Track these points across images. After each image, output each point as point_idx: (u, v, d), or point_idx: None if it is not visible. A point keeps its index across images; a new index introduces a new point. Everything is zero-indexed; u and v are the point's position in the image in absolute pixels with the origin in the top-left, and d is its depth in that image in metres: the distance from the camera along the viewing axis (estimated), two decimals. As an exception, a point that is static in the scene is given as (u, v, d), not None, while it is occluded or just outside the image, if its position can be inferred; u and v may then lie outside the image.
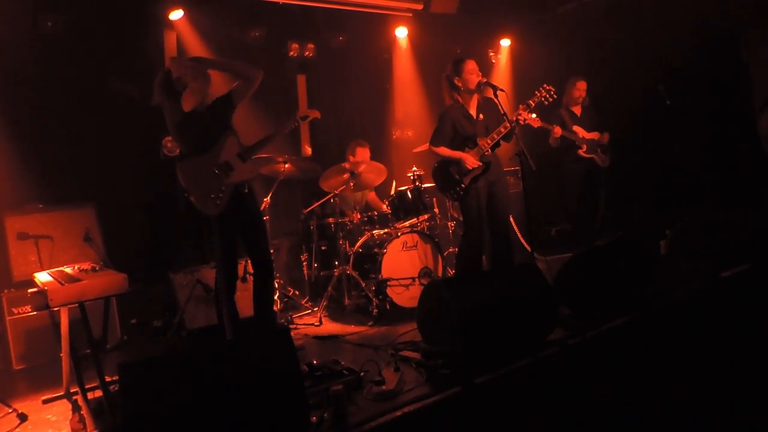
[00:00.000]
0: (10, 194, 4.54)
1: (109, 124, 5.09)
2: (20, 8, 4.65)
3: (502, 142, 4.48)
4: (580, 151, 5.80)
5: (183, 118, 3.68)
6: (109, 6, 5.04)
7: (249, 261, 4.53)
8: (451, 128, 4.47)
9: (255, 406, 2.34)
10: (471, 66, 4.42)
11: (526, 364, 3.05)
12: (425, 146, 5.71)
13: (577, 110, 5.93)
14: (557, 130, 5.63)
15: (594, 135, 5.87)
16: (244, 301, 4.12)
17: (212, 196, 3.65)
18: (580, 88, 5.85)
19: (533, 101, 4.46)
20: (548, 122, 5.79)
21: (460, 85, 4.43)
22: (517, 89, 7.02)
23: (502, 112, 4.28)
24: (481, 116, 4.52)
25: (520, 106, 4.42)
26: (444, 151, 4.48)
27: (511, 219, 6.21)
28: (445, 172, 4.52)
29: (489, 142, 4.41)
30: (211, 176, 3.65)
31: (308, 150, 5.56)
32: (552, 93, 4.49)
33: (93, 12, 4.97)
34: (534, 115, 5.22)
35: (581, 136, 5.80)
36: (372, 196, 5.94)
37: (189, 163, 3.66)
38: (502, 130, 4.37)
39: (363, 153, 5.54)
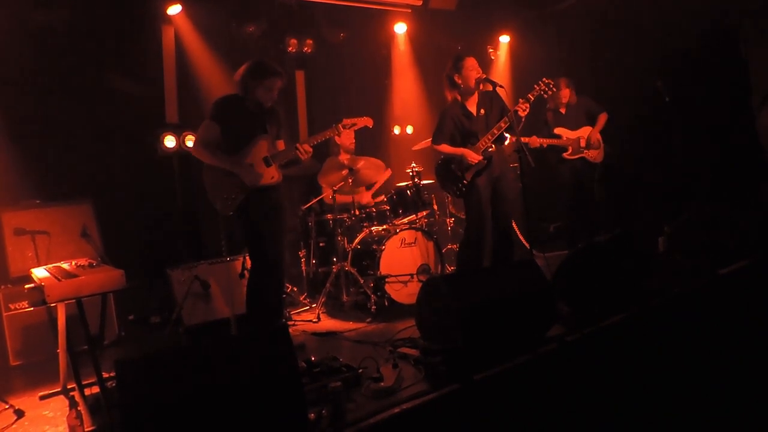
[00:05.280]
0: (7, 190, 4.51)
1: (106, 120, 5.07)
2: (16, 3, 4.62)
3: (508, 136, 4.50)
4: (566, 154, 5.80)
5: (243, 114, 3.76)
6: (107, 1, 5.01)
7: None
8: (452, 126, 4.53)
9: (253, 403, 2.33)
10: (470, 63, 4.44)
11: (524, 361, 3.05)
12: (424, 144, 5.70)
13: (562, 109, 5.92)
14: (534, 140, 5.65)
15: (580, 132, 5.83)
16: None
17: (224, 196, 3.71)
18: (563, 94, 5.84)
19: (532, 95, 4.48)
20: (536, 124, 5.81)
21: (459, 82, 4.46)
22: (516, 86, 7.01)
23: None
24: (482, 111, 4.53)
25: (520, 99, 4.43)
26: (445, 148, 4.54)
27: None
28: (448, 169, 4.57)
29: (490, 137, 4.42)
30: (231, 176, 3.72)
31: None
32: (551, 86, 4.54)
33: (90, 7, 4.95)
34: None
35: (565, 138, 5.79)
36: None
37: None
38: (503, 124, 4.39)
39: (349, 134, 5.50)
